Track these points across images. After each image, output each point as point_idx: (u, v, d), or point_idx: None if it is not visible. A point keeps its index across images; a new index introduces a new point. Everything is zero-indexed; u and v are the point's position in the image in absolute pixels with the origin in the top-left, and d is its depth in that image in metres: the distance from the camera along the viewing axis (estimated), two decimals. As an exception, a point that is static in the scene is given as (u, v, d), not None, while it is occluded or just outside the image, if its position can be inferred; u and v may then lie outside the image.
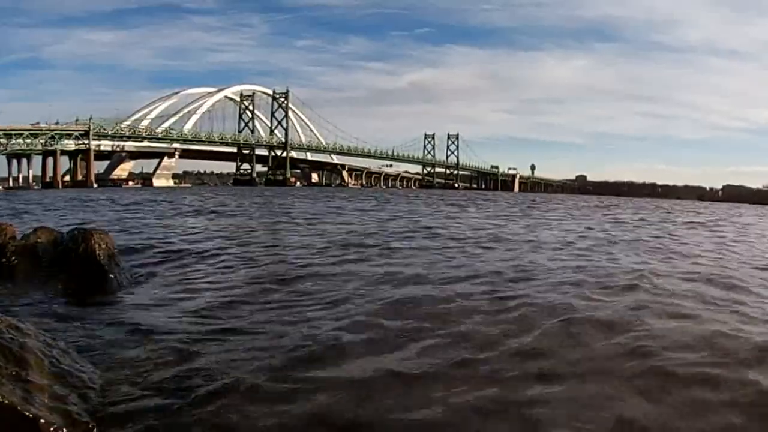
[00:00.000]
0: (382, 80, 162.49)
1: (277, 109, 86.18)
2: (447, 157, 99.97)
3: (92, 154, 66.67)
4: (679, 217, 22.72)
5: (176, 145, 77.09)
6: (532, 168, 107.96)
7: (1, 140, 60.91)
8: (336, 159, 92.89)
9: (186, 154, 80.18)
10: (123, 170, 75.79)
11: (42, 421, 2.28)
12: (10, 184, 63.46)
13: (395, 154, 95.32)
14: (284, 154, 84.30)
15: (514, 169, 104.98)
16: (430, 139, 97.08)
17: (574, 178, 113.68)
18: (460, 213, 20.23)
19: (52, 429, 2.30)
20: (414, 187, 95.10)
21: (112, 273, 5.40)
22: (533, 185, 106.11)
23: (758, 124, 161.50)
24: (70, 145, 65.67)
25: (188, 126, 77.00)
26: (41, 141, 63.29)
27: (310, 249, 8.42)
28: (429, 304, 4.73)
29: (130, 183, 72.54)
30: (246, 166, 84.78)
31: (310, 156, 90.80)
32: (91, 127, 65.74)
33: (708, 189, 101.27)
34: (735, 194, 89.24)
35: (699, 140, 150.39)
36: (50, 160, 64.68)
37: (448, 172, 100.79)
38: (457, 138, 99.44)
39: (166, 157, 77.15)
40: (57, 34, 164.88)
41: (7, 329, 2.68)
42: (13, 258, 5.46)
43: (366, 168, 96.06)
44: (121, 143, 72.33)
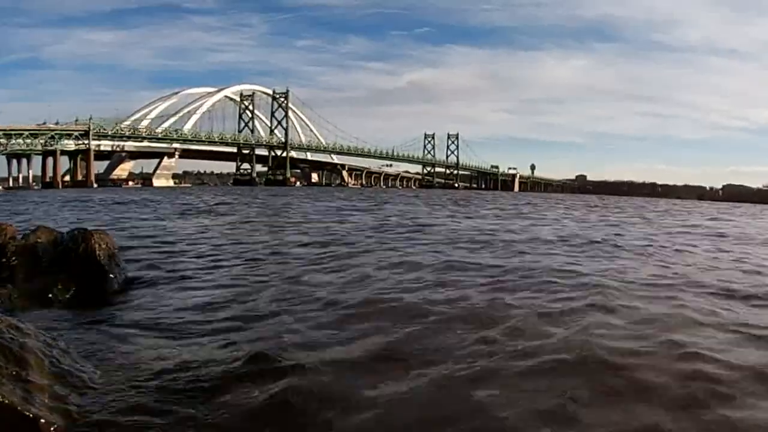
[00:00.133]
0: (382, 80, 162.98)
1: (277, 109, 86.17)
2: (447, 157, 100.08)
3: (92, 154, 66.63)
4: (678, 217, 22.70)
5: (176, 145, 77.03)
6: (532, 168, 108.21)
7: (1, 140, 60.87)
8: (336, 159, 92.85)
9: (186, 154, 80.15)
10: (123, 170, 75.73)
11: (42, 420, 2.28)
12: (10, 184, 63.45)
13: (395, 154, 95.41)
14: (284, 154, 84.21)
15: (514, 169, 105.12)
16: (430, 139, 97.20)
17: (574, 178, 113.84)
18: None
19: (52, 429, 2.30)
20: (414, 187, 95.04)
21: (112, 273, 5.40)
22: (533, 185, 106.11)
23: (758, 124, 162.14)
24: (70, 145, 65.62)
25: (188, 126, 77.00)
26: (41, 141, 63.25)
27: (308, 248, 8.46)
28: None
29: (130, 183, 72.50)
30: (246, 166, 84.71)
31: (310, 156, 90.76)
32: (91, 127, 65.69)
33: (708, 189, 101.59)
34: (735, 194, 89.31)
35: (699, 140, 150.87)
36: (50, 160, 64.63)
37: (448, 171, 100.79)
38: (457, 138, 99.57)
39: (166, 157, 77.10)
40: (57, 34, 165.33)
41: (7, 329, 2.68)
42: (13, 258, 5.44)
43: (366, 168, 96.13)
44: (121, 143, 72.26)
